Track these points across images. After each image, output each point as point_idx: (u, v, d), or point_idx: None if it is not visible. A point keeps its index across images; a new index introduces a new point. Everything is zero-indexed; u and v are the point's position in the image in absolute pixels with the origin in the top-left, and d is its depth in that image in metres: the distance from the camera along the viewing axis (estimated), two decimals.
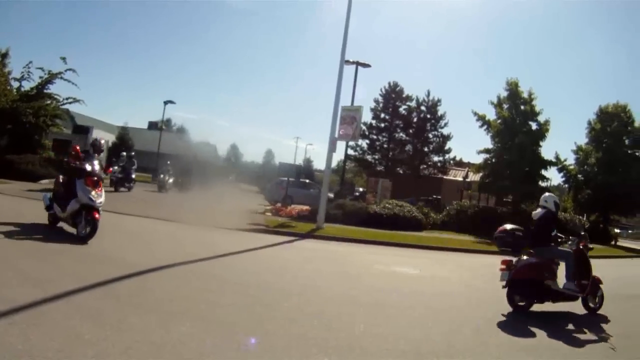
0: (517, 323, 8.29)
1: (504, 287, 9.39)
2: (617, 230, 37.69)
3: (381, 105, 58.30)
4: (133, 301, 6.98)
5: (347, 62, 27.97)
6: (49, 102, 29.83)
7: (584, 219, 30.68)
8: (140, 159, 38.16)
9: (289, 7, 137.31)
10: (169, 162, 33.99)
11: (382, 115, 58.18)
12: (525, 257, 9.75)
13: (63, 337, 5.19)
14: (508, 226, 10.29)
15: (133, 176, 28.89)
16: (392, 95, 58.16)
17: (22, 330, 5.20)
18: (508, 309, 9.32)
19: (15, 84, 30.32)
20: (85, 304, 6.51)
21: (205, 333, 5.95)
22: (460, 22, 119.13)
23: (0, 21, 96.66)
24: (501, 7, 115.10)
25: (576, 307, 9.73)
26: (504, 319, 8.59)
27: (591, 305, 9.85)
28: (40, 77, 29.59)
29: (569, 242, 10.19)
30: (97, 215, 11.17)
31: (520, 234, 10.10)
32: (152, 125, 77.26)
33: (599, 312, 9.77)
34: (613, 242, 31.87)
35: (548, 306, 9.46)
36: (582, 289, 9.57)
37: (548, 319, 8.85)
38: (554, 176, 67.50)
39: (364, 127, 54.27)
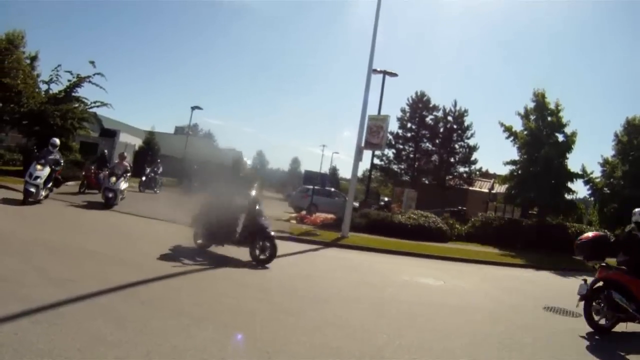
0: (543, 338, 8.18)
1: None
2: None
3: (408, 114, 58.21)
4: (156, 305, 7.00)
5: (375, 71, 27.99)
6: (76, 105, 30.06)
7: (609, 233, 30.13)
8: (166, 163, 38.40)
9: (316, 15, 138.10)
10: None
11: (409, 124, 58.08)
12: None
13: (85, 338, 5.21)
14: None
15: None
16: (419, 105, 58.06)
17: (45, 329, 5.24)
18: (531, 322, 9.26)
19: (44, 87, 30.76)
20: (108, 306, 6.55)
21: (228, 339, 5.94)
22: (487, 32, 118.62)
23: (30, 25, 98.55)
24: (528, 18, 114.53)
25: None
26: (528, 333, 8.39)
27: None
28: (69, 81, 29.90)
29: None
30: None
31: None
32: (179, 130, 77.88)
33: None
34: None
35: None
36: None
37: (575, 335, 8.72)
38: (580, 189, 66.75)
39: (390, 137, 54.21)
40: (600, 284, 9.26)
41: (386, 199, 49.10)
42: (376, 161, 52.40)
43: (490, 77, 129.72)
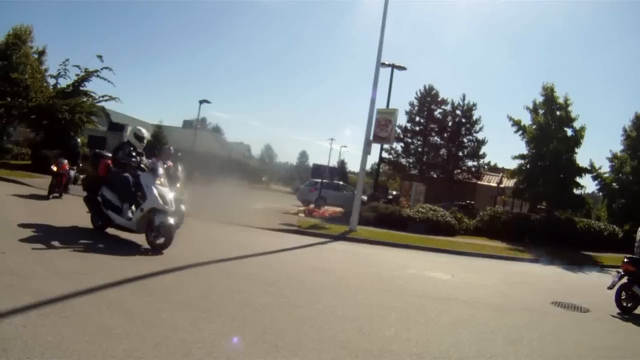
0: (550, 332, 8.15)
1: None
2: None
3: (416, 108, 58.08)
4: (165, 298, 6.99)
5: (383, 64, 27.91)
6: (85, 99, 30.23)
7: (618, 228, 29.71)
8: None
9: (324, 9, 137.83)
10: None
11: (417, 118, 57.94)
12: None
13: (93, 330, 5.20)
14: None
15: None
16: (427, 99, 57.89)
17: (53, 322, 5.25)
18: (539, 317, 9.23)
19: (52, 81, 30.95)
20: (117, 299, 6.55)
21: (236, 332, 5.91)
22: (496, 26, 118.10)
23: (37, 19, 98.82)
24: (536, 12, 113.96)
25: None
26: (536, 327, 8.38)
27: None
28: (77, 75, 30.10)
29: None
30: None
31: None
32: (187, 124, 78.01)
33: None
34: None
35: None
36: None
37: (583, 330, 8.69)
38: (588, 184, 66.39)
39: (398, 130, 54.16)
40: None
41: (394, 192, 49.14)
42: (384, 155, 52.35)
43: (498, 72, 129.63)
